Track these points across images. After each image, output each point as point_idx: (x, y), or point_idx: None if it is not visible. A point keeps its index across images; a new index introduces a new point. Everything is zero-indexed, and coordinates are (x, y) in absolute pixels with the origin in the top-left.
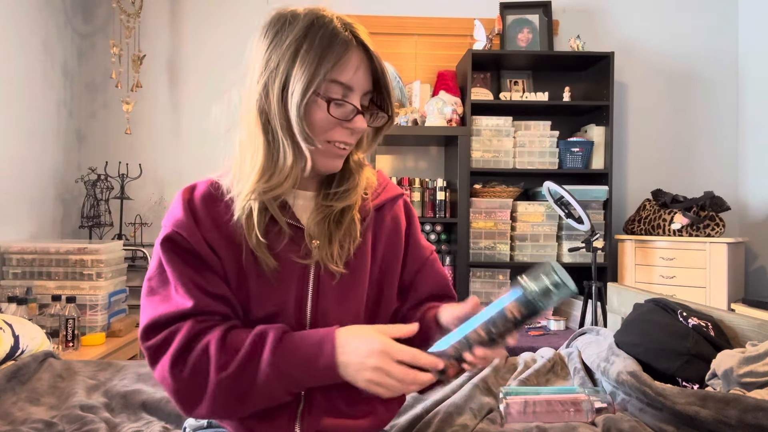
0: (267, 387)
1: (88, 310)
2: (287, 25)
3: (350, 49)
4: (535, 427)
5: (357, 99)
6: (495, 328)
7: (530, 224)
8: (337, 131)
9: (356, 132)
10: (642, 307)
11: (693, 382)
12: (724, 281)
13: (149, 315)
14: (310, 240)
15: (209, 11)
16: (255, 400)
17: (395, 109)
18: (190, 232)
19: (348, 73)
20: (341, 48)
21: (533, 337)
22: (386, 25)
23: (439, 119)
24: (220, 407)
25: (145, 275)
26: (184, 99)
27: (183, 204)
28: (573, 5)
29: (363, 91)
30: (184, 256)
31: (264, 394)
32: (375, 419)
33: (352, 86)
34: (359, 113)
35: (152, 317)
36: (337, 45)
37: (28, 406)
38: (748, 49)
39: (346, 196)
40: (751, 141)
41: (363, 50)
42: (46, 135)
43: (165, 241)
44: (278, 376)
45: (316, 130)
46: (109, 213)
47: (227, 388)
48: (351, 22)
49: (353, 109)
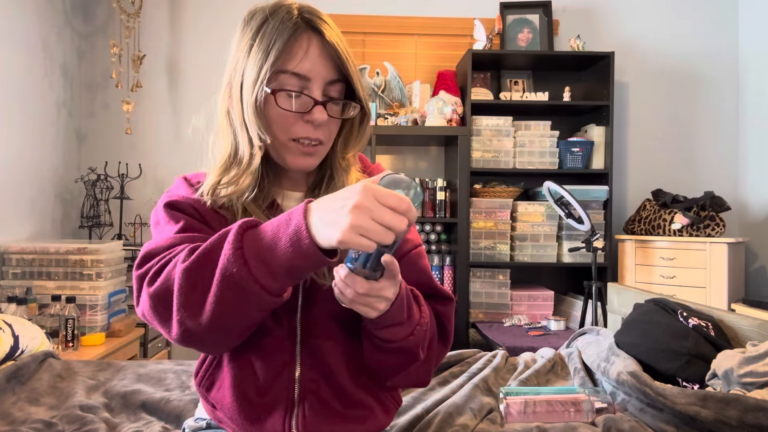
0: (232, 274)
1: (88, 310)
2: (250, 21)
3: (300, 37)
4: (535, 427)
5: (318, 90)
6: None
7: (530, 224)
8: (299, 126)
9: (319, 125)
10: (642, 308)
11: (693, 382)
12: (724, 281)
13: (147, 247)
14: None
15: (209, 11)
16: (224, 296)
17: (395, 108)
18: (197, 205)
19: (297, 62)
20: (289, 36)
21: (533, 337)
22: (386, 25)
23: (439, 119)
24: (189, 308)
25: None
26: (184, 99)
27: (185, 184)
28: (573, 5)
29: (325, 81)
30: (185, 213)
31: (231, 287)
32: (373, 423)
33: (309, 76)
34: (317, 104)
35: (149, 248)
36: (285, 33)
37: (28, 407)
38: (748, 49)
39: None
40: (751, 141)
41: (319, 37)
42: (46, 135)
43: (167, 205)
44: (241, 257)
45: (276, 126)
46: (108, 213)
47: (189, 281)
48: (311, 8)
49: (310, 101)
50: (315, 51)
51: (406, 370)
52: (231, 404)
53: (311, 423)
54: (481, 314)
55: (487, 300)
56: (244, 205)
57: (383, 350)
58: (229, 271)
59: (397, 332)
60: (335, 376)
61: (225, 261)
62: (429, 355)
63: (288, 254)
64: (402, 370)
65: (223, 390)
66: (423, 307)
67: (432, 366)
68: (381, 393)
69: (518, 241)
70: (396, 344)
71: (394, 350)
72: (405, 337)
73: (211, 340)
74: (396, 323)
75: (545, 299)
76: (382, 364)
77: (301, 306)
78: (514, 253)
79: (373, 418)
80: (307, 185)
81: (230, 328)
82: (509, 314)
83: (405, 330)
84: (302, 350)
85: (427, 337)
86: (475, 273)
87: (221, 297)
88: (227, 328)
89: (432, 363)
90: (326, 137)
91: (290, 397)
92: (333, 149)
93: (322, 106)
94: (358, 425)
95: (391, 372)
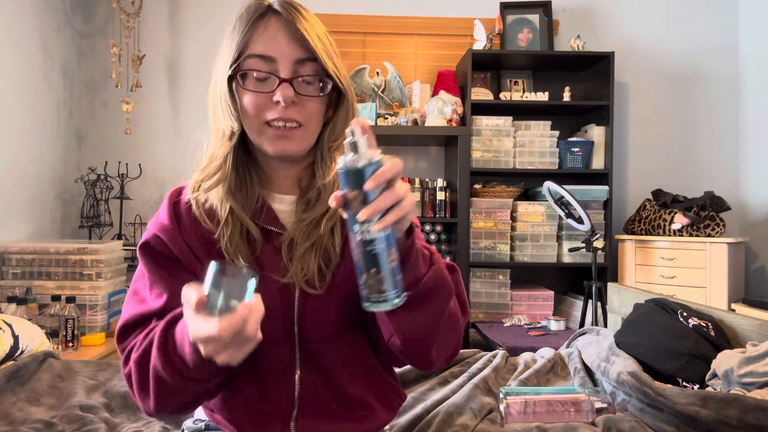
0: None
1: (88, 310)
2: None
3: (263, 20)
4: (535, 428)
5: (285, 69)
6: None
7: (530, 224)
8: (269, 108)
9: (289, 105)
10: (642, 308)
11: (693, 382)
12: (724, 281)
13: (123, 317)
14: (288, 249)
15: (209, 11)
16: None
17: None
18: (172, 237)
19: (261, 44)
20: (253, 21)
21: (533, 337)
22: (386, 25)
23: (439, 119)
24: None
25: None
26: (184, 99)
27: (168, 207)
28: (573, 5)
29: (292, 60)
30: (159, 260)
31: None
32: (374, 421)
33: (274, 56)
34: (282, 82)
35: (125, 319)
36: (249, 20)
37: (28, 407)
38: (749, 49)
39: (322, 202)
40: (751, 141)
41: (283, 18)
42: (45, 135)
43: (143, 246)
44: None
45: (249, 112)
46: (108, 213)
47: (138, 372)
48: None
49: (274, 79)
50: (279, 32)
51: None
52: (231, 407)
53: (311, 423)
54: (481, 314)
55: (487, 300)
56: (231, 206)
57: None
58: (157, 368)
59: (421, 266)
60: (334, 378)
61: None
62: (453, 310)
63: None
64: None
65: (223, 396)
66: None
67: (459, 325)
68: (383, 389)
69: (518, 241)
70: (424, 284)
71: (424, 294)
72: (427, 271)
73: (175, 412)
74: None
75: (545, 299)
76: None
77: (297, 312)
78: (514, 253)
79: (374, 416)
80: (299, 188)
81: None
82: (509, 314)
83: (426, 264)
84: (301, 354)
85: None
86: (475, 273)
87: (158, 387)
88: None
89: (458, 322)
90: (304, 118)
91: (290, 398)
92: (322, 138)
93: (287, 83)
94: (358, 424)
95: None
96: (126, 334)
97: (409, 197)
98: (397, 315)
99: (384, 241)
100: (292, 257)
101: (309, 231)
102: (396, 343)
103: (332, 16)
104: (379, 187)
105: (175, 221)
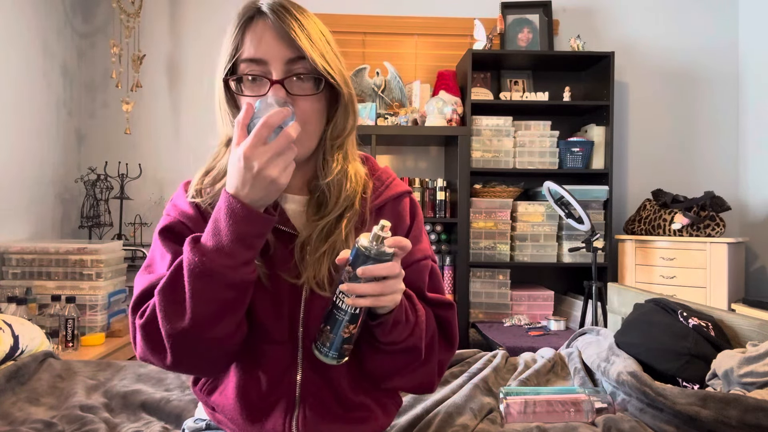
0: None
1: (88, 310)
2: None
3: (252, 24)
4: (535, 428)
5: (277, 70)
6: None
7: (530, 224)
8: None
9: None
10: (642, 308)
11: (693, 382)
12: (724, 281)
13: (137, 290)
14: (301, 250)
15: (209, 11)
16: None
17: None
18: (196, 224)
19: (251, 48)
20: (243, 26)
21: (533, 337)
22: (386, 25)
23: (439, 119)
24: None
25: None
26: (184, 99)
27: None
28: (573, 5)
29: (284, 60)
30: (178, 238)
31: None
32: (373, 424)
33: (265, 58)
34: (273, 83)
35: (139, 291)
36: (237, 23)
37: (28, 407)
38: (749, 49)
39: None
40: (751, 141)
41: (270, 19)
42: (45, 135)
43: (164, 230)
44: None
45: None
46: (108, 213)
47: (166, 295)
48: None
49: (267, 81)
50: (267, 33)
51: (410, 370)
52: (233, 407)
53: (311, 423)
54: (481, 314)
55: (487, 300)
56: None
57: (386, 353)
58: (193, 266)
59: (400, 332)
60: (335, 380)
61: (188, 263)
62: (430, 355)
63: (231, 227)
64: (405, 371)
65: (225, 394)
66: (418, 305)
67: (435, 367)
68: (381, 395)
69: (518, 241)
70: (399, 345)
71: (398, 351)
72: (407, 337)
73: (203, 347)
74: (399, 321)
75: (545, 299)
76: (386, 367)
77: (303, 313)
78: (514, 253)
79: (373, 419)
80: (309, 189)
81: (214, 320)
82: (509, 314)
83: (407, 329)
84: (303, 356)
85: (427, 334)
86: (475, 273)
87: (194, 291)
88: (212, 320)
89: (434, 364)
90: (300, 118)
91: (291, 399)
92: (324, 136)
93: (278, 84)
94: (357, 426)
95: (394, 374)
96: (141, 303)
97: (393, 296)
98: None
99: (348, 315)
100: (303, 258)
101: (327, 233)
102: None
103: (332, 16)
104: (368, 277)
105: (197, 210)
